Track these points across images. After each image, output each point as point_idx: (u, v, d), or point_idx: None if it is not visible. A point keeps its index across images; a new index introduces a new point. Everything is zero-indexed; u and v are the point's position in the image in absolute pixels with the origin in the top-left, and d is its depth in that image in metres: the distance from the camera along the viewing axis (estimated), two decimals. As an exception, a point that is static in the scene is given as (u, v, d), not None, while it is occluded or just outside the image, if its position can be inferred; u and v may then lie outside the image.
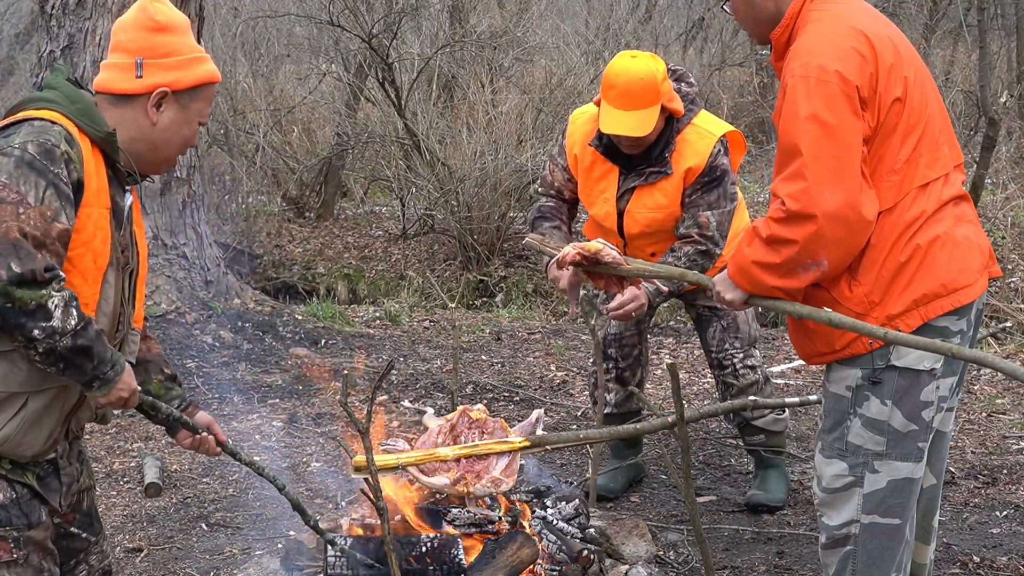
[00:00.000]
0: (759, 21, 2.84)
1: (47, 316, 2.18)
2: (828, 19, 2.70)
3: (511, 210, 9.33)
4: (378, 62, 9.95)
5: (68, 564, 2.58)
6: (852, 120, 2.57)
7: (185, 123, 2.47)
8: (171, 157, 2.51)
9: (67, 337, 2.21)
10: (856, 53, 2.60)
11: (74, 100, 2.38)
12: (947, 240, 2.68)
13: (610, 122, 3.88)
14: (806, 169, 2.56)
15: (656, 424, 3.20)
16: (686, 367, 6.41)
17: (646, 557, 3.76)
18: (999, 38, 12.12)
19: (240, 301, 7.06)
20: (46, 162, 2.24)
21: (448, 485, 3.29)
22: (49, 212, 2.22)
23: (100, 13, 6.34)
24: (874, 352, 2.68)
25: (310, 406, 5.68)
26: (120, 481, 4.75)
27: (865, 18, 2.73)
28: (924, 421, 2.71)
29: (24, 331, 2.18)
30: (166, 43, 2.42)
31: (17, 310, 2.16)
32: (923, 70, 2.78)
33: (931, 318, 2.66)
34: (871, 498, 2.74)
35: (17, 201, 2.19)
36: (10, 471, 2.35)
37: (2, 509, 2.34)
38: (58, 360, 2.24)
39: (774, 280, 2.65)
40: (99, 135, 2.37)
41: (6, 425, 2.31)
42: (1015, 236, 8.30)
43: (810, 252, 2.59)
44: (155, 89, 2.41)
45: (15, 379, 2.31)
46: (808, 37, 2.67)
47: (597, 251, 3.03)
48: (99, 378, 2.30)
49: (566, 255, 3.06)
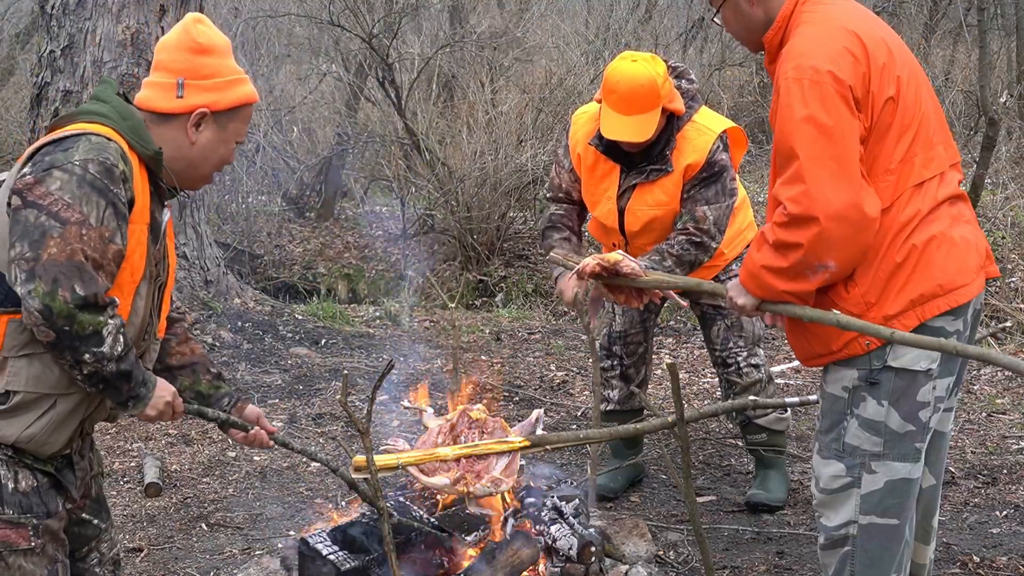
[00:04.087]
0: (750, 29, 2.86)
1: (100, 342, 2.26)
2: (820, 20, 2.70)
3: (511, 210, 9.32)
4: (378, 62, 9.95)
5: (80, 551, 2.64)
6: (848, 119, 2.57)
7: (222, 143, 2.51)
8: (208, 175, 2.57)
9: (113, 363, 2.29)
10: (848, 53, 2.60)
11: (125, 117, 2.42)
12: (943, 240, 2.67)
13: (611, 128, 3.89)
14: (804, 172, 2.56)
15: (656, 424, 3.20)
16: (686, 367, 6.41)
17: (646, 557, 3.76)
18: (999, 38, 12.12)
19: (240, 301, 7.06)
20: (107, 181, 2.28)
21: (448, 485, 3.29)
22: (107, 233, 2.27)
23: (100, 13, 6.34)
24: (871, 353, 2.68)
25: (310, 406, 5.68)
26: (120, 481, 4.75)
27: (857, 18, 2.73)
28: (921, 422, 2.71)
29: (76, 354, 2.25)
30: (207, 65, 2.46)
31: (74, 334, 2.23)
32: (917, 69, 2.77)
33: (928, 318, 2.66)
34: (869, 499, 2.74)
35: (80, 222, 2.23)
36: (33, 461, 2.40)
37: (24, 497, 2.38)
38: (100, 382, 2.32)
39: (784, 284, 2.65)
40: (147, 153, 2.42)
41: (33, 424, 2.36)
42: (1015, 236, 8.29)
43: (816, 254, 2.59)
44: (195, 110, 2.45)
45: (47, 381, 2.35)
46: (800, 39, 2.67)
47: (616, 262, 3.09)
48: (134, 397, 2.38)
49: (586, 266, 3.11)
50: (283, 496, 4.60)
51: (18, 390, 2.33)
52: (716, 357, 4.39)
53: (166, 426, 5.27)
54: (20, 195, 2.25)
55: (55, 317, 2.20)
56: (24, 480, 2.38)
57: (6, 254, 2.28)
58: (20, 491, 2.37)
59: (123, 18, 6.35)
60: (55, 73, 6.42)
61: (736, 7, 2.83)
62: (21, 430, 2.34)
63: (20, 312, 2.28)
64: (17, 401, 2.33)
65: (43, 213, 2.22)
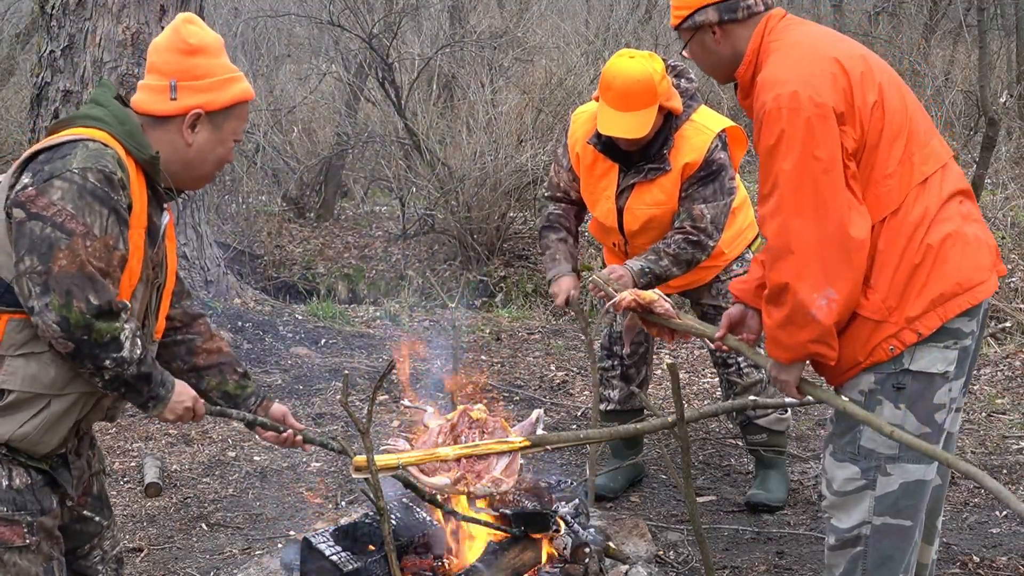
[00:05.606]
0: (718, 66, 2.87)
1: (118, 347, 2.29)
2: (789, 46, 2.70)
3: (511, 210, 9.32)
4: (378, 62, 9.95)
5: (83, 549, 2.65)
6: (830, 143, 2.56)
7: (219, 142, 2.51)
8: (207, 174, 2.57)
9: (133, 366, 2.32)
10: (824, 73, 2.60)
11: (122, 121, 2.42)
12: (958, 238, 2.66)
13: (607, 123, 3.89)
14: (783, 202, 2.58)
15: (656, 424, 3.20)
16: (686, 367, 6.41)
17: (646, 557, 3.76)
18: (999, 38, 12.11)
19: (240, 301, 7.06)
20: (107, 190, 2.29)
21: (448, 485, 3.28)
22: (111, 241, 2.29)
23: (100, 13, 6.35)
24: (892, 358, 2.67)
25: (310, 406, 5.68)
26: (120, 481, 4.75)
27: (824, 37, 2.75)
28: (937, 423, 2.71)
29: (97, 361, 2.28)
30: (199, 65, 2.46)
31: (94, 342, 2.26)
32: (894, 75, 2.78)
33: (948, 318, 2.64)
34: (883, 500, 2.73)
35: (84, 233, 2.25)
36: (27, 459, 2.41)
37: (19, 494, 2.38)
38: (121, 385, 2.35)
39: (798, 334, 2.63)
40: (144, 158, 2.42)
41: (26, 423, 2.36)
42: (1015, 236, 8.29)
43: (807, 288, 2.58)
44: (189, 111, 2.45)
45: (42, 381, 2.36)
46: (773, 68, 2.68)
47: (651, 301, 3.15)
48: (154, 398, 2.41)
49: (622, 300, 3.18)
50: (283, 496, 4.60)
51: (12, 389, 2.34)
52: (716, 357, 4.39)
53: (166, 426, 5.27)
54: (23, 208, 2.26)
55: (73, 328, 2.22)
56: (18, 478, 2.38)
57: (3, 256, 2.29)
58: (14, 488, 2.37)
59: (123, 18, 6.36)
60: (55, 73, 6.42)
61: (703, 44, 2.84)
62: (14, 429, 2.35)
63: (19, 312, 2.30)
64: (11, 400, 2.34)
65: (48, 225, 2.23)
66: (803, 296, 2.58)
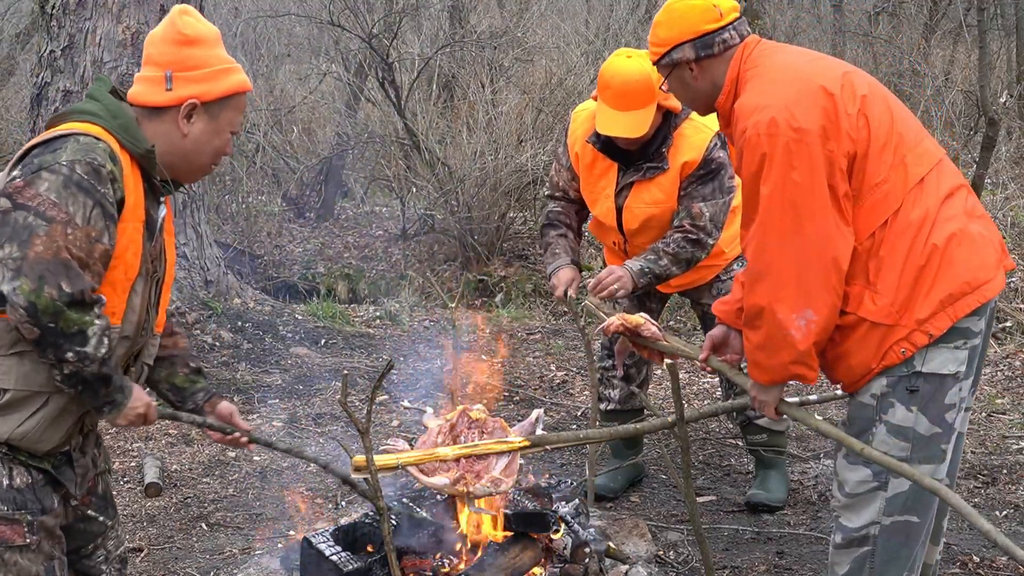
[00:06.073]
0: (697, 99, 2.90)
1: (84, 341, 2.25)
2: (767, 71, 2.71)
3: (511, 210, 9.32)
4: (378, 62, 9.94)
5: (86, 548, 2.64)
6: (809, 167, 2.57)
7: (216, 133, 2.50)
8: (205, 166, 2.55)
9: (95, 364, 2.28)
10: (802, 95, 2.61)
11: (116, 115, 2.41)
12: (963, 237, 2.65)
13: (606, 123, 3.89)
14: (762, 225, 2.61)
15: (656, 424, 3.20)
16: (686, 367, 6.41)
17: (646, 557, 3.76)
18: (999, 38, 12.10)
19: (240, 301, 7.06)
20: (94, 182, 2.28)
21: (448, 485, 3.29)
22: (94, 233, 2.27)
23: (100, 13, 6.34)
24: (904, 361, 2.66)
25: (310, 406, 5.68)
26: (120, 481, 4.75)
27: (800, 59, 2.76)
28: (948, 423, 2.71)
29: (59, 352, 2.25)
30: (195, 55, 2.45)
31: (60, 331, 2.22)
32: (877, 86, 2.79)
33: (959, 318, 2.63)
34: (894, 501, 2.73)
35: (65, 221, 2.23)
36: (28, 458, 2.40)
37: (19, 493, 2.38)
38: (79, 382, 2.31)
39: (777, 356, 2.66)
40: (138, 151, 2.41)
41: (25, 422, 2.35)
42: (1015, 236, 8.29)
43: (784, 309, 2.59)
44: (184, 101, 2.44)
45: (37, 379, 2.35)
46: (751, 95, 2.69)
47: (638, 324, 3.30)
48: (110, 403, 2.37)
49: (610, 324, 3.31)
50: (283, 496, 4.60)
51: (8, 388, 2.33)
52: (716, 357, 4.39)
53: (166, 426, 5.27)
54: (10, 198, 2.26)
55: (40, 314, 2.19)
56: (19, 477, 2.37)
57: None
58: (15, 487, 2.37)
59: (123, 18, 6.36)
60: (55, 73, 6.41)
61: (681, 79, 2.86)
62: (13, 427, 2.34)
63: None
64: (8, 399, 2.33)
65: (31, 213, 2.23)
66: (781, 317, 2.60)
